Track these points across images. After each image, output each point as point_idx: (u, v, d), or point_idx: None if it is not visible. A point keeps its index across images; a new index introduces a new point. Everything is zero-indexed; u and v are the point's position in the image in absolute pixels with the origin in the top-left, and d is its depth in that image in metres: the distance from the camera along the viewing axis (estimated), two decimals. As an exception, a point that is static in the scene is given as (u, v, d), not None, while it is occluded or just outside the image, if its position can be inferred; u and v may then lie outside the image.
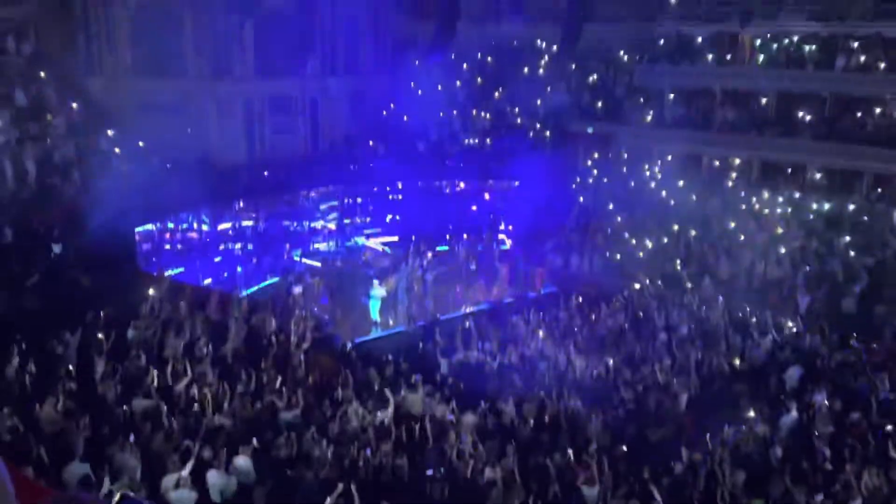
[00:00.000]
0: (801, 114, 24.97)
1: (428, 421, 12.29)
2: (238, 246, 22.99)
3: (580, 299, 19.82)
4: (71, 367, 11.74)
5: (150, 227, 20.56)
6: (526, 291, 21.87)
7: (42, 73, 21.13)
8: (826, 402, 14.09)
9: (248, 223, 23.78)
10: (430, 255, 22.28)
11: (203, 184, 19.88)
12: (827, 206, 23.07)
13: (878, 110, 23.97)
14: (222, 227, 23.24)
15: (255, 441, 10.56)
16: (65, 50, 22.15)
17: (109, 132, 20.38)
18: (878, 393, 14.47)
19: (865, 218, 22.22)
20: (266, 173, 24.04)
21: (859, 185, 23.86)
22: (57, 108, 20.70)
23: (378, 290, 19.61)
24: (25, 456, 8.74)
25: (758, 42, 26.88)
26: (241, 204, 23.56)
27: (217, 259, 22.26)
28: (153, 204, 19.53)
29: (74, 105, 20.79)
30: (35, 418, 10.04)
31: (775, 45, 26.28)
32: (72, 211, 17.11)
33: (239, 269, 21.69)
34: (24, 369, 11.30)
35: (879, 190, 23.64)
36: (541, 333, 17.46)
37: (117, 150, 20.10)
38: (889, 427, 13.36)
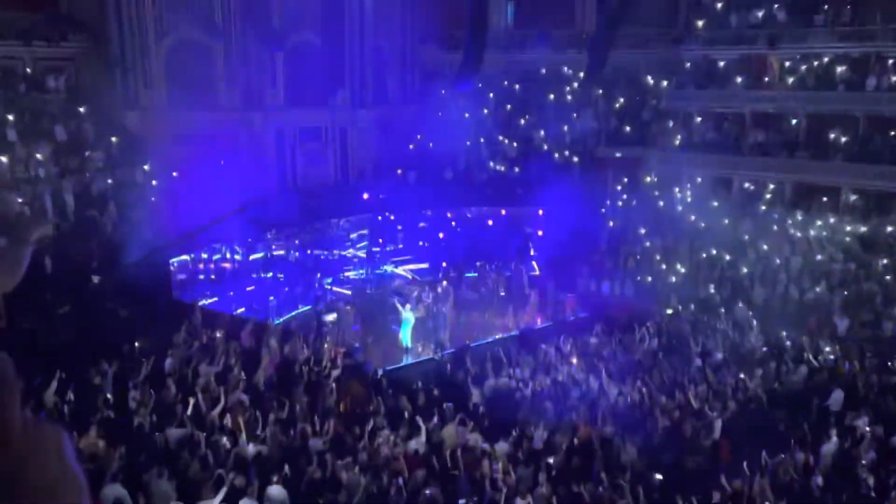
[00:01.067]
0: (833, 135, 24.69)
1: (460, 449, 12.23)
2: (270, 275, 23.24)
3: (612, 325, 19.64)
4: (108, 396, 11.92)
5: (184, 257, 20.90)
6: (557, 317, 21.74)
7: (81, 109, 21.78)
8: (868, 427, 13.75)
9: (279, 252, 24.06)
10: (444, 284, 22.30)
11: (236, 214, 20.21)
12: (863, 228, 22.68)
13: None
14: (254, 256, 23.54)
15: (287, 469, 10.60)
16: (102, 86, 22.83)
17: (146, 166, 20.86)
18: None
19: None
20: (297, 203, 24.35)
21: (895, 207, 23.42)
22: (95, 143, 21.31)
23: (408, 315, 19.67)
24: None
25: (787, 64, 26.73)
26: (273, 233, 23.86)
27: (249, 288, 22.52)
28: (188, 235, 19.88)
29: (113, 139, 21.36)
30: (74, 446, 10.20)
31: (804, 67, 26.10)
32: (109, 243, 17.50)
33: (271, 297, 21.91)
34: (63, 398, 11.51)
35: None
36: (573, 360, 17.32)
37: (154, 182, 20.56)
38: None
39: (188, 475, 10.03)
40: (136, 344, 13.87)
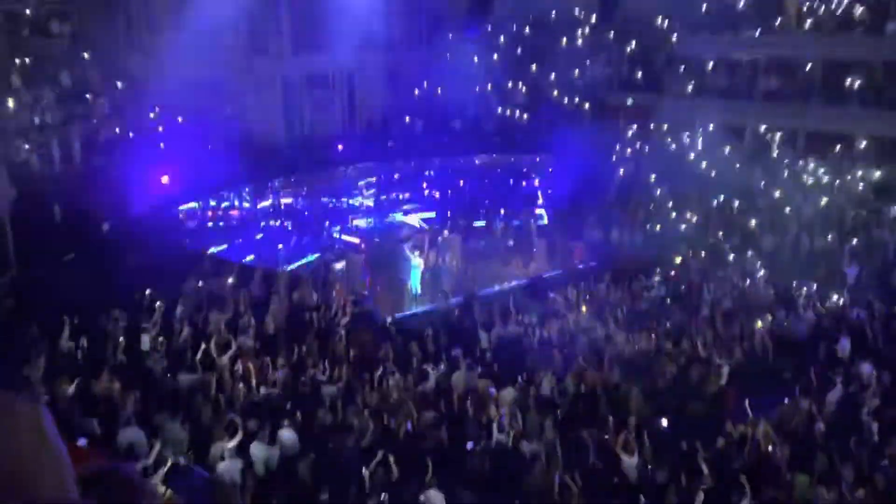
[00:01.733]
0: (848, 81, 24.16)
1: (468, 395, 12.40)
2: (278, 223, 23.28)
3: (621, 273, 19.63)
4: (121, 341, 12.08)
5: (193, 205, 20.91)
6: (565, 266, 21.76)
7: (85, 55, 21.55)
8: (874, 374, 13.83)
9: (287, 200, 24.04)
10: (446, 233, 22.28)
11: (243, 161, 20.14)
12: (875, 175, 22.40)
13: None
14: (263, 204, 23.53)
15: (298, 413, 10.79)
16: (106, 31, 22.51)
17: (152, 114, 20.72)
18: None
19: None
20: (304, 150, 24.21)
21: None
22: (100, 89, 21.14)
23: (418, 261, 19.76)
24: (79, 426, 9.06)
25: (804, 7, 26.03)
26: (281, 181, 23.80)
27: (258, 236, 22.59)
28: (196, 182, 19.86)
29: (119, 84, 21.18)
30: (89, 391, 10.39)
31: (822, 9, 25.41)
32: (118, 191, 17.50)
33: (280, 245, 21.98)
34: (77, 344, 11.67)
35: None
36: (581, 307, 17.39)
37: (160, 128, 20.46)
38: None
39: (200, 419, 10.22)
40: (147, 291, 13.99)
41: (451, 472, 10.44)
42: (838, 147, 23.82)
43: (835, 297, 17.58)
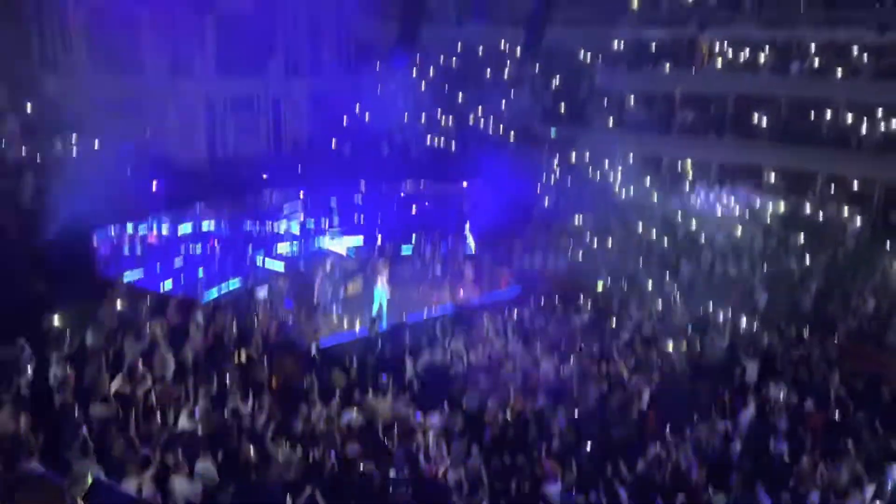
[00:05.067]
0: (757, 117, 25.53)
1: (395, 423, 12.28)
2: (199, 249, 22.59)
3: (545, 299, 19.96)
4: (29, 372, 11.44)
5: (108, 230, 20.10)
6: (491, 292, 21.96)
7: (-6, 73, 20.61)
8: (783, 396, 14.46)
9: (209, 226, 23.40)
10: (377, 260, 22.38)
11: (163, 185, 19.57)
12: (782, 206, 23.64)
13: (830, 113, 24.60)
14: (183, 229, 22.82)
15: (218, 446, 10.42)
16: (16, 46, 21.57)
17: (69, 135, 19.91)
18: (832, 387, 14.92)
19: (819, 218, 22.85)
20: (228, 175, 23.69)
21: (813, 186, 24.46)
22: (10, 109, 20.22)
23: (382, 285, 19.65)
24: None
25: (716, 47, 27.44)
26: (202, 206, 23.16)
27: (177, 262, 21.86)
28: (112, 207, 19.11)
29: (28, 105, 20.32)
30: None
31: (732, 50, 26.86)
32: (27, 215, 16.71)
33: (200, 272, 21.33)
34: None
35: (832, 191, 24.28)
36: (507, 334, 17.55)
37: (74, 150, 19.70)
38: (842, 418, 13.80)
39: (113, 454, 9.75)
40: (56, 320, 13.32)
41: (375, 502, 10.28)
42: (749, 179, 25.09)
43: (745, 322, 18.33)
